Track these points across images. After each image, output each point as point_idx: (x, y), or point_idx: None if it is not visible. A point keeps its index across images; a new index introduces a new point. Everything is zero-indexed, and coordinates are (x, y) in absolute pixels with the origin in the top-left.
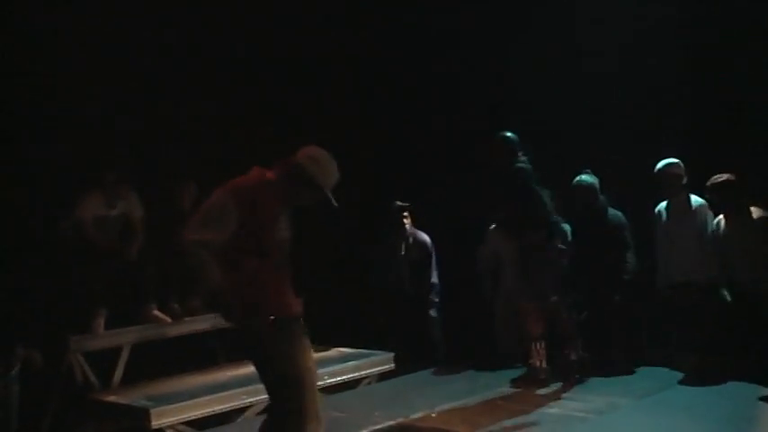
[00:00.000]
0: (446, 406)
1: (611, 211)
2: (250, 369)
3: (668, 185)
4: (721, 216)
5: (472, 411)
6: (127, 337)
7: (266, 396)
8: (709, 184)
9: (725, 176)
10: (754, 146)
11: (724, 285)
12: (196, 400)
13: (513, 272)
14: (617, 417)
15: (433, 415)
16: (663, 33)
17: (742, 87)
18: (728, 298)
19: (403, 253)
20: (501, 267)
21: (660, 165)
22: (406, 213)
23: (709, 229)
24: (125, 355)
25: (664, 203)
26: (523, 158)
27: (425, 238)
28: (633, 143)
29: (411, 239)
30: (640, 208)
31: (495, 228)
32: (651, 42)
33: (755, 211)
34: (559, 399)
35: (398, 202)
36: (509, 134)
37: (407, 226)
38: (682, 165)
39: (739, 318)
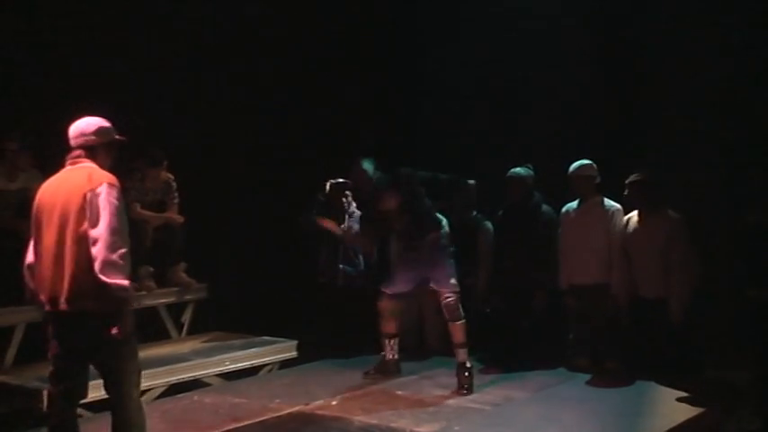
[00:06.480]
0: (346, 394)
1: (546, 207)
2: (148, 353)
3: (580, 187)
4: (632, 214)
5: (371, 400)
6: (21, 317)
7: (167, 380)
8: (629, 181)
9: (645, 174)
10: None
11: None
12: (92, 382)
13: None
14: (511, 408)
15: (333, 403)
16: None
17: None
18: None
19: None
20: None
21: (573, 167)
22: (347, 192)
23: (618, 231)
24: (18, 334)
25: (573, 204)
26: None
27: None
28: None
29: (350, 218)
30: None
31: None
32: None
33: (671, 214)
34: (458, 391)
35: (336, 180)
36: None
37: (347, 204)
38: (594, 166)
39: (638, 321)
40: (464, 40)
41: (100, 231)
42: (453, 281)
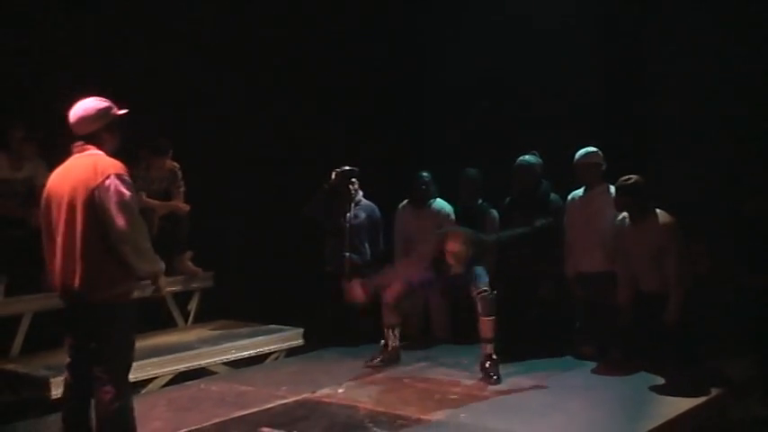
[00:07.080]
0: (353, 382)
1: (553, 195)
2: (155, 341)
3: (586, 175)
4: (624, 214)
5: (378, 388)
6: (27, 305)
7: (173, 368)
8: (618, 185)
9: (634, 178)
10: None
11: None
12: None
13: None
14: (517, 396)
15: (340, 391)
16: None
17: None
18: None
19: (348, 224)
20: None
21: (578, 154)
22: (354, 180)
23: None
24: (25, 323)
25: (579, 191)
26: None
27: (372, 205)
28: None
29: (356, 207)
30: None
31: (404, 204)
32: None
33: (661, 215)
34: (465, 378)
35: (342, 168)
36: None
37: (354, 192)
38: (600, 154)
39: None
40: (466, 39)
41: (121, 228)
42: (487, 278)
